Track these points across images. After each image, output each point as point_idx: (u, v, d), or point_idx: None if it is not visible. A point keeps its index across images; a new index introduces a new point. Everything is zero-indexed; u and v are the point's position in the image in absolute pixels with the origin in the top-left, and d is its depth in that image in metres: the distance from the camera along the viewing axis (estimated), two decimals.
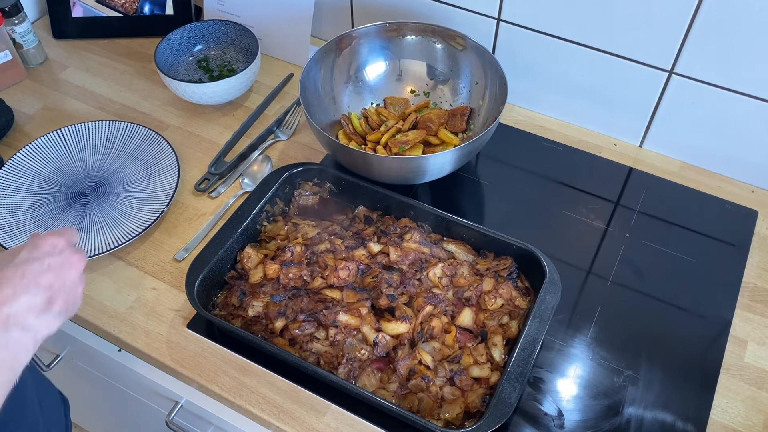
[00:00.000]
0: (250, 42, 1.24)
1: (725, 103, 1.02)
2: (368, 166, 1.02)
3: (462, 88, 1.15)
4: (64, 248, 0.70)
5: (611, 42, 1.05)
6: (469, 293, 0.91)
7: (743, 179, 1.11)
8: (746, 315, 0.94)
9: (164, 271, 1.00)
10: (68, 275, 0.68)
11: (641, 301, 0.96)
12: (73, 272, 0.69)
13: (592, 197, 1.09)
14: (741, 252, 1.01)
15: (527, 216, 1.07)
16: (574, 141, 1.17)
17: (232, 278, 0.95)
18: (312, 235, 0.98)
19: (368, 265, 0.94)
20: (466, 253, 0.96)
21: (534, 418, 0.85)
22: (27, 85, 1.29)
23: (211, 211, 1.08)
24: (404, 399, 0.84)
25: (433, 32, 1.14)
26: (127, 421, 1.34)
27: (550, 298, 0.87)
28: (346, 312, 0.88)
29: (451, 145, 1.09)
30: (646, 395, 0.87)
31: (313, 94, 1.11)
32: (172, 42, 1.24)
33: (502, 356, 0.86)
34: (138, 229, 1.02)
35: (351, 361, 0.85)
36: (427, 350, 0.86)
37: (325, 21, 1.32)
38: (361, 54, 1.16)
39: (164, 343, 0.92)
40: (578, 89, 1.14)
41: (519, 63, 1.15)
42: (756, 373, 0.89)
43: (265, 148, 1.16)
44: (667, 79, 1.05)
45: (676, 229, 1.04)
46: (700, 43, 0.98)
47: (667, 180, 1.11)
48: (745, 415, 0.85)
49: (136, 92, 1.28)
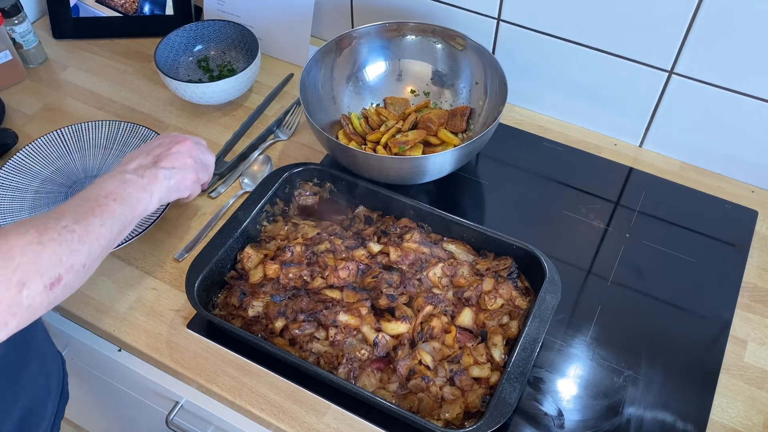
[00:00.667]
0: (250, 42, 1.24)
1: (725, 103, 1.02)
2: (368, 166, 1.02)
3: (462, 88, 1.15)
4: (174, 138, 0.92)
5: (611, 42, 1.05)
6: (469, 293, 0.91)
7: (743, 179, 1.11)
8: (746, 315, 0.94)
9: (164, 271, 1.00)
10: (176, 148, 0.89)
11: (641, 301, 0.96)
12: (176, 146, 0.89)
13: (592, 197, 1.09)
14: (741, 252, 1.01)
15: (527, 216, 1.07)
16: (574, 141, 1.17)
17: (232, 278, 0.95)
18: (312, 235, 0.98)
19: (368, 265, 0.94)
20: (466, 253, 0.96)
21: (534, 418, 0.85)
22: (27, 85, 1.29)
23: (211, 211, 1.08)
24: (404, 399, 0.84)
25: (433, 32, 1.14)
26: (127, 421, 1.34)
27: (550, 298, 0.87)
28: (346, 312, 0.88)
29: (451, 145, 1.09)
30: (646, 395, 0.87)
31: (313, 94, 1.11)
32: (172, 42, 1.24)
33: (502, 356, 0.86)
34: (138, 229, 1.02)
35: (351, 361, 0.85)
36: (427, 350, 0.86)
37: (325, 21, 1.32)
38: (361, 54, 1.16)
39: (164, 343, 0.92)
40: (578, 89, 1.14)
41: (519, 63, 1.15)
42: (756, 373, 0.89)
43: (265, 148, 1.16)
44: (667, 79, 1.05)
45: (676, 229, 1.04)
46: (700, 43, 0.98)
47: (667, 180, 1.11)
48: (745, 415, 0.85)
49: (136, 92, 1.28)
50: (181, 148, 0.89)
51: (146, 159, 0.86)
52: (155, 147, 0.89)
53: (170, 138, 0.91)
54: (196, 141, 0.94)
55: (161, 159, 0.87)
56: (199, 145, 0.93)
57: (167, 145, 0.89)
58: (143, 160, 0.86)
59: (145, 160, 0.86)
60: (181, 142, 0.90)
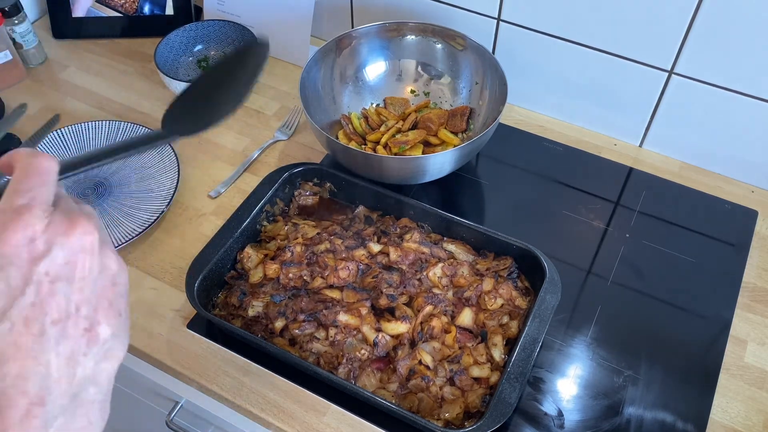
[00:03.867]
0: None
1: (725, 103, 1.02)
2: (368, 166, 1.02)
3: (462, 88, 1.15)
4: (46, 232, 0.39)
5: (611, 42, 1.05)
6: (469, 293, 0.91)
7: (743, 179, 1.11)
8: (746, 315, 0.94)
9: (164, 271, 1.00)
10: (81, 270, 0.40)
11: (641, 301, 0.96)
12: (80, 263, 0.40)
13: (592, 197, 1.09)
14: (741, 252, 1.01)
15: (527, 216, 1.07)
16: (574, 141, 1.17)
17: (232, 278, 0.95)
18: (312, 235, 0.98)
19: (368, 265, 0.94)
20: (466, 253, 0.96)
21: (534, 418, 0.85)
22: (27, 85, 1.29)
23: (211, 211, 1.08)
24: (404, 399, 0.84)
25: (433, 32, 1.14)
26: (127, 421, 1.34)
27: (550, 298, 0.87)
28: (346, 312, 0.88)
29: (451, 145, 1.09)
30: (646, 395, 0.87)
31: (313, 94, 1.11)
32: (172, 42, 1.24)
33: (502, 356, 0.86)
34: (138, 229, 1.02)
35: (351, 361, 0.85)
36: (427, 350, 0.86)
37: (325, 21, 1.32)
38: (361, 54, 1.16)
39: (164, 343, 0.92)
40: (578, 89, 1.14)
41: (519, 63, 1.15)
42: (756, 373, 0.89)
43: (265, 147, 1.16)
44: (667, 79, 1.05)
45: (676, 229, 1.04)
46: (700, 43, 0.98)
47: (667, 180, 1.11)
48: (745, 415, 0.85)
49: (136, 92, 1.28)
50: (86, 265, 0.41)
51: (64, 343, 0.39)
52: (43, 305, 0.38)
53: (53, 259, 0.39)
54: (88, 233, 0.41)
55: (91, 319, 0.41)
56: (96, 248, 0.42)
57: (66, 282, 0.39)
58: (64, 347, 0.39)
59: (64, 345, 0.39)
60: (80, 252, 0.40)
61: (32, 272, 0.38)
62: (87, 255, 0.41)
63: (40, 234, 0.39)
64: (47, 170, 0.41)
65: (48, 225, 0.39)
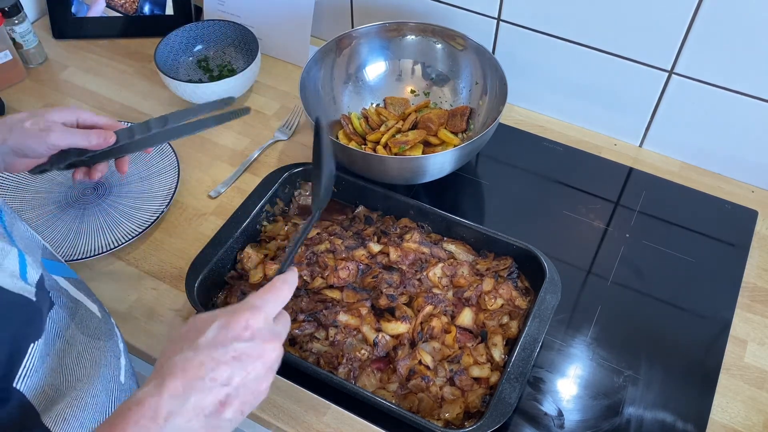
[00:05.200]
0: (250, 42, 1.24)
1: (725, 103, 1.02)
2: (368, 166, 1.02)
3: (462, 88, 1.15)
4: (258, 330, 0.57)
5: (611, 42, 1.05)
6: (469, 293, 0.91)
7: (743, 179, 1.11)
8: (746, 315, 0.94)
9: (164, 271, 1.00)
10: (253, 367, 0.55)
11: (641, 301, 0.96)
12: (259, 364, 0.56)
13: (592, 197, 1.09)
14: (741, 252, 1.01)
15: (527, 216, 1.07)
16: (574, 141, 1.17)
17: (232, 278, 0.95)
18: (312, 235, 0.98)
19: (368, 265, 0.94)
20: (466, 253, 0.96)
21: (534, 418, 0.85)
22: (27, 85, 1.29)
23: (211, 211, 1.08)
24: (404, 399, 0.84)
25: (433, 32, 1.14)
26: None
27: (550, 298, 0.87)
28: (346, 312, 0.88)
29: (451, 145, 1.09)
30: (646, 395, 0.87)
31: (313, 94, 1.11)
32: (172, 42, 1.24)
33: (502, 356, 0.86)
34: (138, 229, 1.02)
35: (351, 361, 0.85)
36: (427, 350, 0.86)
37: (325, 21, 1.31)
38: (361, 54, 1.16)
39: (164, 344, 0.92)
40: (578, 89, 1.14)
41: (519, 63, 1.15)
42: (756, 373, 0.89)
43: (265, 147, 1.16)
44: (667, 79, 1.05)
45: (676, 229, 1.04)
46: (700, 43, 0.98)
47: (667, 180, 1.11)
48: (745, 415, 0.85)
49: (136, 92, 1.28)
50: (259, 368, 0.56)
51: (208, 396, 0.53)
52: (225, 362, 0.54)
53: (251, 347, 0.56)
54: (282, 333, 0.61)
55: (230, 400, 0.54)
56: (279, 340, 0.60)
57: (242, 365, 0.55)
58: (203, 397, 0.53)
59: (205, 398, 0.53)
60: (264, 356, 0.57)
61: (230, 342, 0.55)
62: (264, 364, 0.57)
63: (252, 328, 0.57)
64: (283, 297, 0.61)
65: (261, 329, 0.57)
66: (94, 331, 0.71)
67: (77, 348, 0.67)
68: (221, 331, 0.56)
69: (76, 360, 0.67)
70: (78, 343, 0.67)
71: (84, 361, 0.67)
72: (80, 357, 0.67)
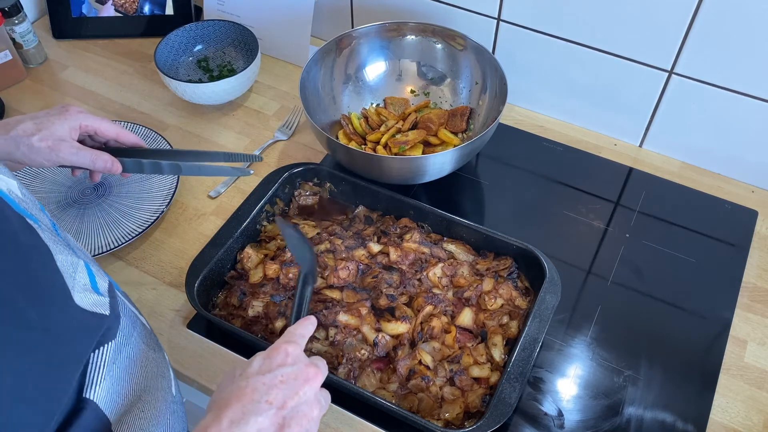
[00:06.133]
0: (250, 42, 1.24)
1: (725, 103, 1.02)
2: (368, 166, 1.02)
3: (462, 88, 1.15)
4: (298, 356, 0.63)
5: (611, 42, 1.05)
6: (469, 293, 0.91)
7: (743, 179, 1.11)
8: (746, 315, 0.94)
9: (164, 271, 1.00)
10: (303, 391, 0.60)
11: (641, 301, 0.96)
12: (307, 387, 0.60)
13: (592, 197, 1.09)
14: (741, 252, 1.01)
15: (527, 216, 1.07)
16: (574, 141, 1.17)
17: (232, 278, 0.95)
18: (312, 235, 0.98)
19: (368, 265, 0.94)
20: (466, 253, 0.96)
21: (534, 418, 0.85)
22: (27, 85, 1.29)
23: (211, 211, 1.08)
24: (404, 399, 0.84)
25: (433, 32, 1.14)
26: None
27: (550, 298, 0.87)
28: (346, 312, 0.88)
29: (451, 145, 1.09)
30: (646, 395, 0.87)
31: (313, 94, 1.11)
32: (172, 42, 1.24)
33: (502, 356, 0.86)
34: (138, 229, 1.02)
35: (351, 361, 0.85)
36: (427, 350, 0.86)
37: (325, 21, 1.32)
38: (361, 54, 1.16)
39: (164, 343, 0.92)
40: (578, 89, 1.14)
41: (519, 63, 1.15)
42: (756, 373, 0.89)
43: (265, 147, 1.16)
44: (667, 79, 1.05)
45: (676, 229, 1.04)
46: (700, 43, 0.98)
47: (667, 180, 1.11)
48: (745, 415, 0.85)
49: (136, 92, 1.28)
50: (308, 392, 0.61)
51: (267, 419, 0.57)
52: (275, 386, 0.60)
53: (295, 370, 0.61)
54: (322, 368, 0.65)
55: (288, 423, 0.58)
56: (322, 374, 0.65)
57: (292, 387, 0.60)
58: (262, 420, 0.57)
59: (264, 420, 0.57)
60: (309, 380, 0.61)
61: (276, 368, 0.61)
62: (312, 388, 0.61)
63: (292, 355, 0.62)
64: (307, 334, 0.68)
65: (300, 355, 0.63)
66: (148, 340, 0.69)
67: (141, 358, 0.65)
68: (265, 361, 0.62)
69: (141, 370, 0.65)
70: (141, 353, 0.65)
71: (146, 371, 0.65)
72: (144, 367, 0.65)
